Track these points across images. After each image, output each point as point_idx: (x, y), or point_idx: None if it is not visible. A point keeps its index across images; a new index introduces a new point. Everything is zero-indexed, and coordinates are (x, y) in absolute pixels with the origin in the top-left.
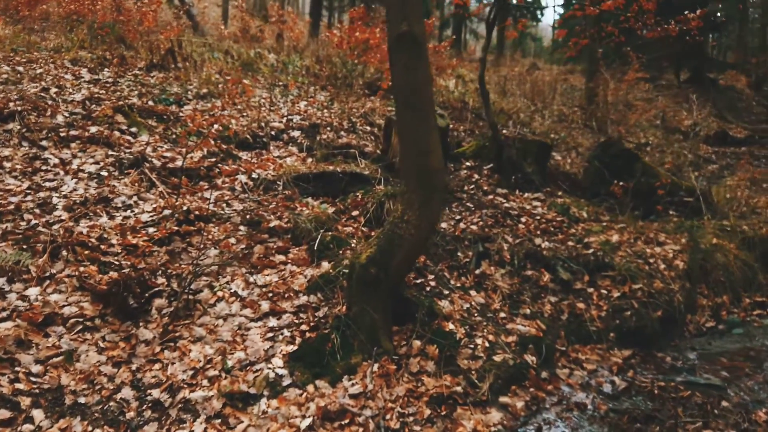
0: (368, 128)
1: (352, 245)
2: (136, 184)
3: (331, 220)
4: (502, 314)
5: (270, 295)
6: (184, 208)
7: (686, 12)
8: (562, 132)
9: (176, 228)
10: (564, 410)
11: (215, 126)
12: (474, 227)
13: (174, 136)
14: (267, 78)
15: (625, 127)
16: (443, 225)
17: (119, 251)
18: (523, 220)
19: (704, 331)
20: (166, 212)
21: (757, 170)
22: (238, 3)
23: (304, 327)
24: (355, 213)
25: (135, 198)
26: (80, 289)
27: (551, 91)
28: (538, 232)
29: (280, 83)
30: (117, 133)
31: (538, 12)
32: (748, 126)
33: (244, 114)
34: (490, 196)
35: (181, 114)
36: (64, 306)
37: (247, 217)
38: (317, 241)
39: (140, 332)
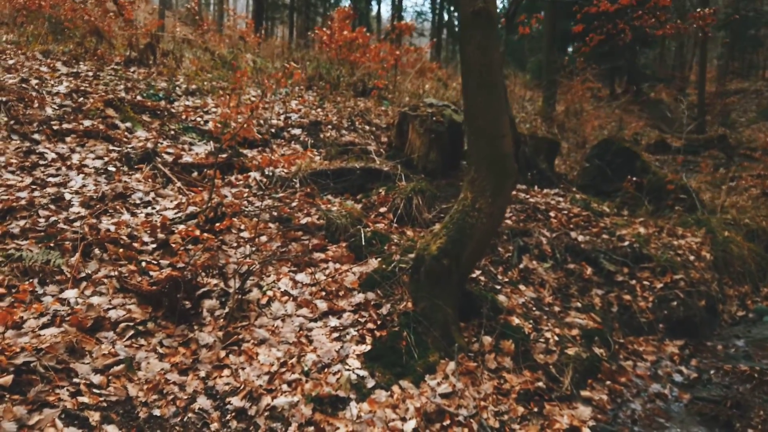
0: (367, 127)
1: (395, 240)
2: (150, 180)
3: (362, 216)
4: (556, 308)
5: (323, 294)
6: (206, 205)
7: (698, 9)
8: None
9: (208, 225)
10: (647, 401)
11: (250, 114)
12: (509, 222)
13: (172, 132)
14: (252, 77)
15: (583, 134)
16: None
17: (153, 249)
18: (552, 214)
19: (737, 320)
20: (192, 209)
21: (717, 173)
22: (190, 7)
23: (370, 325)
24: (382, 210)
25: (152, 194)
26: (122, 291)
27: (511, 100)
28: (571, 226)
29: (267, 82)
30: (119, 128)
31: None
32: (681, 135)
33: (240, 112)
34: (514, 193)
35: (172, 110)
36: (109, 309)
37: (274, 214)
38: (361, 237)
39: (198, 336)
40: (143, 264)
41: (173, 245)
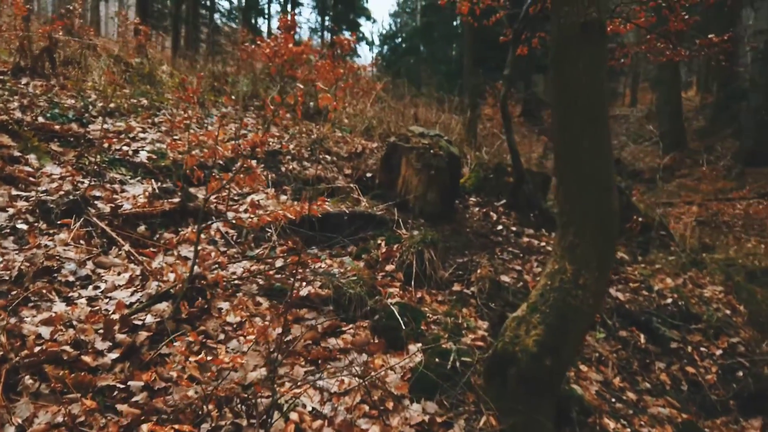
0: (328, 157)
1: (430, 316)
2: (83, 242)
3: (371, 279)
4: (630, 393)
5: (365, 407)
6: (185, 280)
7: (711, 35)
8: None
9: (186, 310)
10: None
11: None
12: None
13: (95, 167)
14: (174, 94)
15: (500, 157)
16: (505, 279)
17: (114, 362)
18: None
19: None
20: (156, 285)
21: (647, 200)
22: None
23: None
24: (388, 268)
25: (90, 265)
26: None
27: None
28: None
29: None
30: (21, 162)
31: (369, 47)
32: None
33: (175, 138)
34: (525, 239)
35: (89, 135)
36: None
37: (261, 283)
38: (396, 317)
39: None
40: (102, 393)
41: (142, 350)
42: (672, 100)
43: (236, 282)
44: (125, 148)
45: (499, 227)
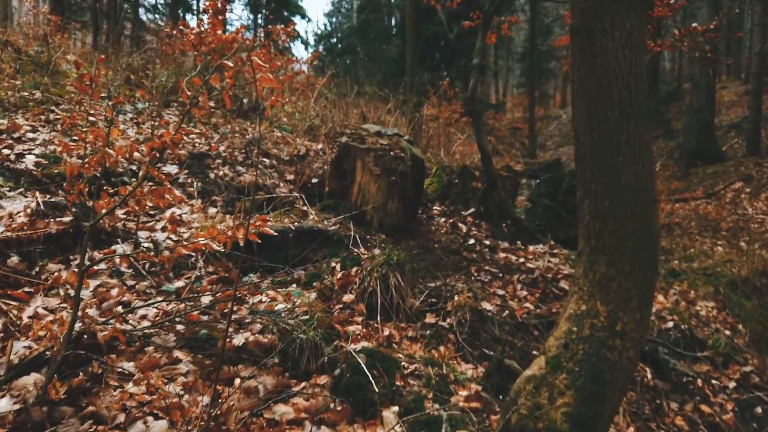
0: (266, 161)
1: (406, 366)
2: None
3: (323, 313)
4: None
5: None
6: (65, 337)
7: (694, 24)
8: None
9: (70, 377)
10: None
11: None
12: (529, 305)
13: None
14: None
15: (452, 158)
16: (488, 307)
17: None
18: (566, 287)
19: None
20: (24, 346)
21: None
22: None
23: None
24: (346, 298)
25: None
26: None
27: (381, 124)
28: None
29: (102, 95)
30: None
31: (305, 47)
32: (520, 160)
33: (74, 139)
34: (501, 254)
35: None
36: None
37: (181, 329)
38: (365, 373)
39: None
40: None
41: None
42: None
43: (147, 331)
44: (6, 151)
45: (471, 241)
